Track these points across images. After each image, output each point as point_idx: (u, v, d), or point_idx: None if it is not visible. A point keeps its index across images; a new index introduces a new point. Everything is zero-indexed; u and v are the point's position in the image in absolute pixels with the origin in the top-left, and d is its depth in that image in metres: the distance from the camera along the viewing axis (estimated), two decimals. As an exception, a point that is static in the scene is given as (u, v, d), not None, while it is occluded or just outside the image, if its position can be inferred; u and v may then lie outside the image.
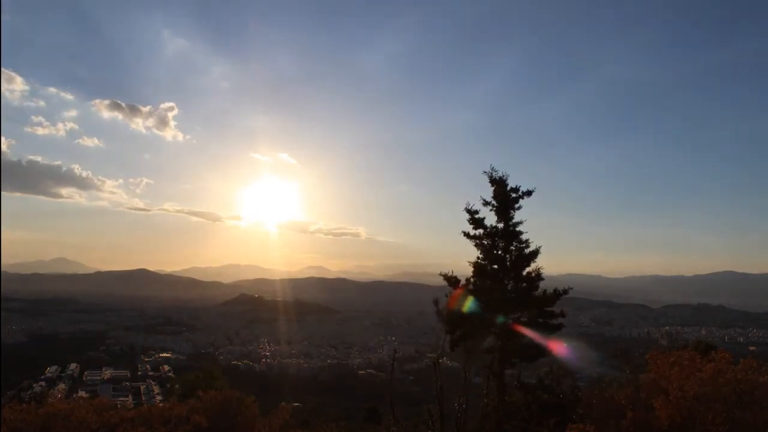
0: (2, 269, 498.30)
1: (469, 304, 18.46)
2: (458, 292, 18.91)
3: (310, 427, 24.11)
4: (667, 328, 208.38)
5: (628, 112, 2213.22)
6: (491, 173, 19.20)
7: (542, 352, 18.64)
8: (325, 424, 24.16)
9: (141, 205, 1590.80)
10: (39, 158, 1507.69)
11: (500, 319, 18.46)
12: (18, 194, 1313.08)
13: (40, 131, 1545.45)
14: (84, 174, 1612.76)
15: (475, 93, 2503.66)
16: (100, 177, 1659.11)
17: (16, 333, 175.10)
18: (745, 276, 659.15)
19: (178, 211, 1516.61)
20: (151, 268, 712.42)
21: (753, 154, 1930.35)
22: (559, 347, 18.41)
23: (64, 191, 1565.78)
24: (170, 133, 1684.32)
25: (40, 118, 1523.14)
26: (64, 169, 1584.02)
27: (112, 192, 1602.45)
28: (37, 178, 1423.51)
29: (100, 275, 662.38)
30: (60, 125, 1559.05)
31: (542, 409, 17.32)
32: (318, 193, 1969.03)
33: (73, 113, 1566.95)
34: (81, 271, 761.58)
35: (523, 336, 18.42)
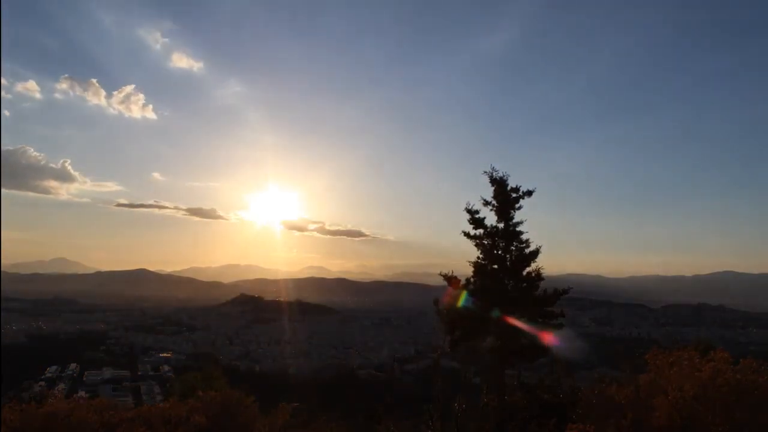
0: (2, 269, 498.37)
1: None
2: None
3: (310, 427, 24.08)
4: (668, 328, 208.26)
5: (629, 109, 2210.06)
6: (491, 173, 19.21)
7: (542, 352, 18.64)
8: (325, 424, 24.14)
9: (129, 200, 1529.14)
10: (13, 148, 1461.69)
11: (500, 318, 18.46)
12: (5, 190, 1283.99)
13: (6, 113, 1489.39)
14: (64, 166, 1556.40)
15: (475, 67, 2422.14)
16: (81, 170, 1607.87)
17: (16, 333, 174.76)
18: (745, 276, 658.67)
19: (175, 208, 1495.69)
20: (151, 268, 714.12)
21: (753, 153, 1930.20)
22: (558, 347, 18.41)
23: (47, 185, 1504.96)
24: (138, 112, 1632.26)
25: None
26: (43, 162, 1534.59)
27: (96, 186, 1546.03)
28: (17, 172, 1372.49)
29: (100, 275, 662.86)
30: (24, 105, 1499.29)
31: (542, 409, 17.31)
32: (318, 192, 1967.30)
33: (29, 87, 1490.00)
34: (81, 271, 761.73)
35: (523, 336, 18.42)
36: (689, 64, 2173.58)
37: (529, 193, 19.13)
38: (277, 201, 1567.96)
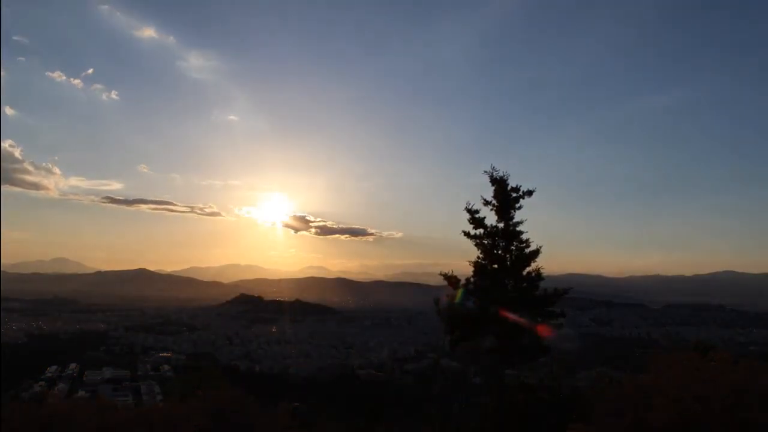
0: (2, 269, 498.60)
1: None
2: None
3: (310, 427, 24.09)
4: (668, 328, 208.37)
5: (629, 107, 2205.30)
6: (491, 173, 19.22)
7: (542, 352, 18.66)
8: (325, 424, 24.16)
9: (121, 196, 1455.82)
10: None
11: (500, 318, 18.47)
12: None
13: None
14: (49, 161, 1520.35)
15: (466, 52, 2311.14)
16: (67, 165, 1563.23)
17: (16, 333, 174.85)
18: (745, 276, 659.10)
19: (172, 204, 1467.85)
20: (151, 268, 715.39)
21: (754, 152, 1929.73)
22: (558, 347, 18.43)
23: (34, 180, 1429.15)
24: (107, 95, 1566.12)
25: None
26: (24, 155, 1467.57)
27: (84, 182, 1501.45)
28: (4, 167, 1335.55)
29: (100, 275, 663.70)
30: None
31: (542, 409, 17.32)
32: (319, 192, 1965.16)
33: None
34: (81, 271, 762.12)
35: (523, 336, 18.43)
36: (689, 59, 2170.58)
37: (530, 192, 19.14)
38: (277, 199, 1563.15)
